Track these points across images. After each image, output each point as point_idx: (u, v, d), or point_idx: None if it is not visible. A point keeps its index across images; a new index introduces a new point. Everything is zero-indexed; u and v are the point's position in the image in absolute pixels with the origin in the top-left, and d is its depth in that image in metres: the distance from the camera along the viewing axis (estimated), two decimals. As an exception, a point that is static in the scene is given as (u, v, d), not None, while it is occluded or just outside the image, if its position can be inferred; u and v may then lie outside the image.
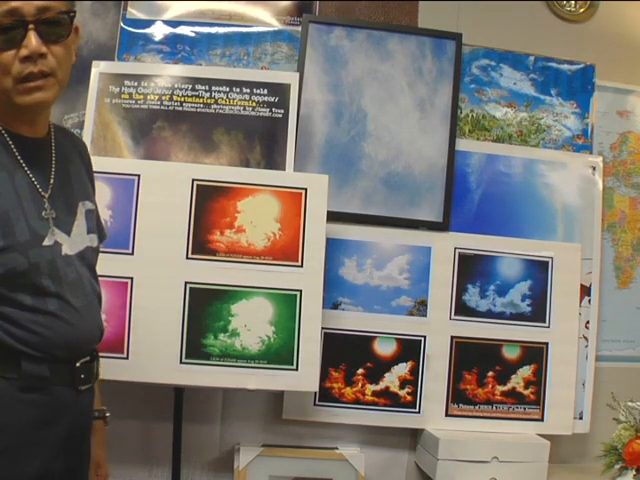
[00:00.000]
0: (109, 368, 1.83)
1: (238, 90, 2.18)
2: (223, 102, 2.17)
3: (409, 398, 2.24)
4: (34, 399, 1.22)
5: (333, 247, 2.19)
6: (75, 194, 1.35)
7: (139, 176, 1.98)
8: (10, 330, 1.19)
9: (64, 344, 1.25)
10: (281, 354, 1.97)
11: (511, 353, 2.29)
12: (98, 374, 1.39)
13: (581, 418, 2.33)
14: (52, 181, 1.30)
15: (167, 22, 2.28)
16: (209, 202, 2.00)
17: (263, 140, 2.16)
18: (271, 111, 2.17)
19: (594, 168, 2.42)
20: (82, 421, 1.33)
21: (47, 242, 1.25)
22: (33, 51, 1.19)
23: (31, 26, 1.18)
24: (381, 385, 2.23)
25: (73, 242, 1.30)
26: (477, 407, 2.26)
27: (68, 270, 1.28)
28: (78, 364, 1.29)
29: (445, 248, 2.27)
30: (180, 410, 2.02)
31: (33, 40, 1.19)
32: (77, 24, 1.29)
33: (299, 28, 2.28)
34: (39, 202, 1.26)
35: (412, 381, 2.24)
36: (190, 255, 1.97)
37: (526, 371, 2.29)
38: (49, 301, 1.23)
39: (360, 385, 2.22)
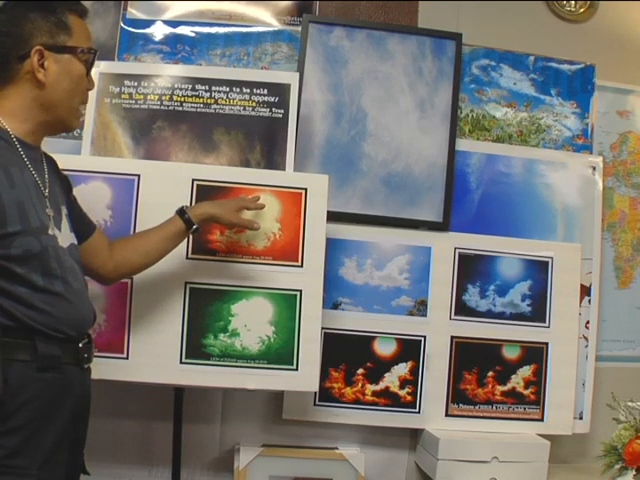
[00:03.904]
0: (109, 368, 1.85)
1: (238, 90, 2.18)
2: (223, 102, 2.17)
3: (409, 398, 2.24)
4: (49, 378, 1.35)
5: (333, 247, 2.19)
6: (59, 198, 1.49)
7: (139, 176, 1.98)
8: (24, 311, 1.31)
9: (69, 322, 1.38)
10: (281, 354, 1.97)
11: (511, 353, 2.29)
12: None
13: (581, 418, 2.33)
14: (47, 183, 1.43)
15: (167, 22, 2.28)
16: (209, 202, 2.00)
17: (263, 140, 2.16)
18: (271, 111, 2.17)
19: (594, 168, 2.42)
20: (86, 395, 1.48)
21: (50, 232, 1.38)
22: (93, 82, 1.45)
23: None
24: (381, 385, 2.23)
25: (63, 237, 1.43)
26: (477, 407, 2.26)
27: (65, 258, 1.41)
28: (81, 345, 1.43)
29: (445, 248, 2.27)
30: (180, 410, 2.02)
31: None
32: None
33: (299, 28, 2.28)
34: (42, 199, 1.40)
35: (412, 381, 2.24)
36: (190, 255, 1.97)
37: (526, 371, 2.29)
38: (56, 282, 1.36)
39: (360, 385, 2.22)
